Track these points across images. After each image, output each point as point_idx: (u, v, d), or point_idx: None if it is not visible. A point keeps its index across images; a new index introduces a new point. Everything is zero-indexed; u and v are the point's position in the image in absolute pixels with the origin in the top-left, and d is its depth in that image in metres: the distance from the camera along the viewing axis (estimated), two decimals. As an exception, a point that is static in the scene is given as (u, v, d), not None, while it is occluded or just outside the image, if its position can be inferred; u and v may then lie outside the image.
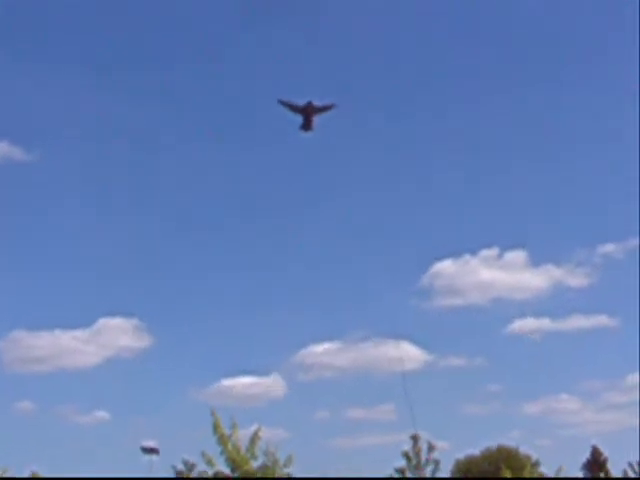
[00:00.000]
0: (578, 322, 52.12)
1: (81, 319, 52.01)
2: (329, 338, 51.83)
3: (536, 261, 53.74)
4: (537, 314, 52.68)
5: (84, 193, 55.89)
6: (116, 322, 52.36)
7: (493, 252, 53.81)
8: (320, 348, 51.95)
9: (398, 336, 50.58)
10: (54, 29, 59.11)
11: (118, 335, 52.46)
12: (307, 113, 31.23)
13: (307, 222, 55.06)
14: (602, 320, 51.90)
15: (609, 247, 53.58)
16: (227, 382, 50.29)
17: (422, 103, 58.40)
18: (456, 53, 58.61)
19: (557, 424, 50.52)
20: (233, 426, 20.49)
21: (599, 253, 53.74)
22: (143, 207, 56.15)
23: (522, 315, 52.74)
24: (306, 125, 31.41)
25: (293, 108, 31.90)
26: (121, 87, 57.20)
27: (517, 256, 53.78)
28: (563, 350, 51.91)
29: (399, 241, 54.07)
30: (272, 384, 50.98)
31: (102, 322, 52.19)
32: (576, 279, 53.40)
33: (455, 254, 53.76)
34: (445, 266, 53.85)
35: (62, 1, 59.85)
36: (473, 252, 53.92)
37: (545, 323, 52.49)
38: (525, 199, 55.95)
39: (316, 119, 31.56)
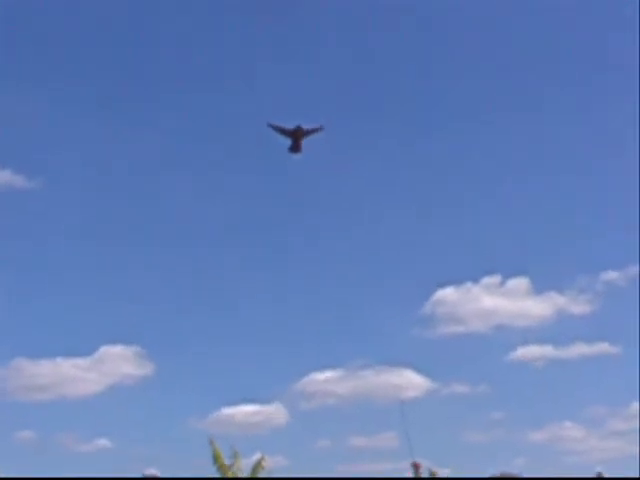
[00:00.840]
0: (581, 349, 52.02)
1: (82, 347, 51.67)
2: (331, 366, 51.65)
3: (538, 288, 53.59)
4: (540, 341, 52.61)
5: (85, 220, 55.96)
6: (117, 350, 52.41)
7: (495, 279, 53.86)
8: (322, 376, 51.81)
9: (400, 364, 51.14)
10: (57, 56, 59.08)
11: (119, 363, 52.47)
12: (296, 136, 32.67)
13: (307, 249, 54.96)
14: (604, 347, 51.82)
15: (611, 274, 53.47)
16: (229, 410, 50.11)
17: (419, 124, 58.20)
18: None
19: (561, 451, 50.21)
20: (234, 455, 20.41)
21: (601, 280, 53.64)
22: (144, 235, 56.10)
23: (525, 342, 52.51)
24: (295, 147, 32.97)
25: (283, 131, 32.65)
26: (123, 117, 57.32)
27: (519, 283, 53.80)
28: (566, 377, 51.76)
29: (400, 269, 53.96)
30: (274, 412, 50.87)
31: (103, 350, 52.22)
32: (578, 306, 53.39)
33: (457, 282, 53.60)
34: (447, 294, 53.85)
35: (66, 29, 59.79)
36: (475, 280, 53.79)
37: (548, 350, 52.45)
38: (527, 226, 55.85)
39: (303, 141, 33.04)
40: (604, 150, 57.46)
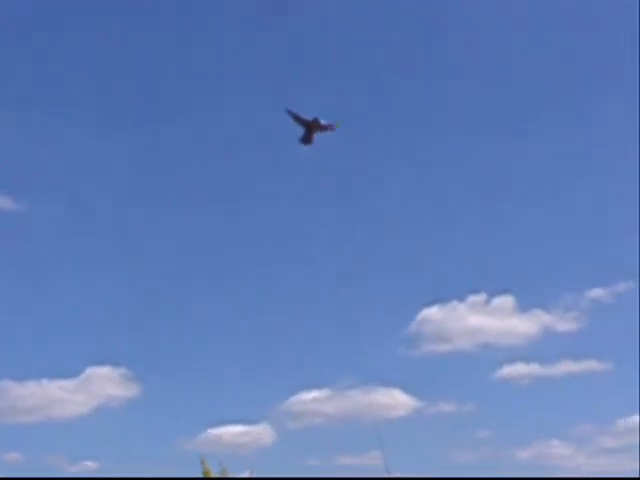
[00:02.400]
0: (567, 367, 52.16)
1: (69, 369, 51.69)
2: (318, 386, 51.66)
3: (524, 306, 53.71)
4: (526, 359, 52.65)
5: (72, 242, 56.12)
6: (104, 371, 52.28)
7: (481, 298, 54.02)
8: (309, 396, 51.81)
9: (387, 383, 51.14)
10: (41, 80, 59.16)
11: (106, 384, 52.31)
12: (310, 127, 32.65)
13: (294, 268, 54.93)
14: (591, 365, 51.93)
15: (597, 292, 53.72)
16: (216, 431, 50.03)
17: (408, 143, 58.53)
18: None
19: (549, 469, 50.27)
20: (222, 471, 20.41)
21: (587, 298, 53.81)
22: (131, 257, 56.01)
23: (511, 361, 52.65)
24: (307, 138, 32.92)
25: (299, 120, 32.66)
26: (111, 137, 57.45)
27: (505, 301, 53.95)
28: (553, 395, 51.92)
29: (386, 288, 53.89)
30: (261, 432, 50.82)
31: (90, 371, 52.22)
32: (565, 324, 53.55)
33: (442, 300, 53.82)
34: (433, 312, 53.99)
35: (53, 49, 60.04)
36: (460, 298, 53.96)
37: (534, 368, 52.54)
38: (512, 245, 55.98)
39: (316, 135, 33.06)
40: (588, 169, 58.01)
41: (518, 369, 52.42)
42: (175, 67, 59.57)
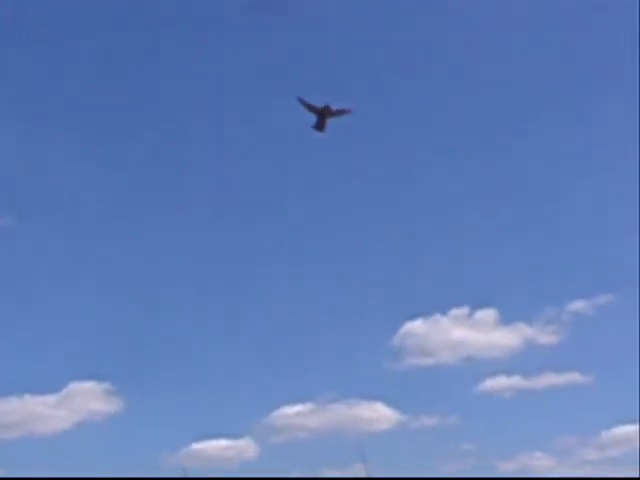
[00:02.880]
0: (550, 379, 52.27)
1: (51, 384, 51.51)
2: (301, 400, 51.67)
3: (506, 319, 53.90)
4: (509, 372, 52.73)
5: (57, 257, 56.09)
6: (87, 386, 52.08)
7: (463, 311, 54.18)
8: (292, 410, 51.76)
9: (370, 397, 51.28)
10: (29, 92, 59.26)
11: (89, 399, 52.15)
12: (323, 114, 33.10)
13: (276, 282, 54.90)
14: (574, 377, 52.05)
15: (578, 304, 53.96)
16: (199, 445, 50.00)
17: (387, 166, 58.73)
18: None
19: (533, 482, 50.40)
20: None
21: (569, 310, 54.04)
22: (115, 271, 55.96)
23: (494, 374, 52.77)
24: (319, 125, 33.36)
25: (310, 108, 33.34)
26: (95, 152, 57.46)
27: (487, 315, 54.10)
28: (536, 408, 52.00)
29: (369, 301, 54.01)
30: (245, 447, 50.77)
31: (72, 386, 52.04)
32: (547, 337, 53.71)
33: (425, 314, 53.95)
34: (416, 326, 54.08)
35: (47, 66, 60.05)
36: (443, 311, 54.10)
37: (517, 381, 52.62)
38: (494, 258, 56.13)
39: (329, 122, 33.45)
40: (571, 181, 58.12)
41: (501, 382, 52.63)
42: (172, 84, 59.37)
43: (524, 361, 53.06)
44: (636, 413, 46.59)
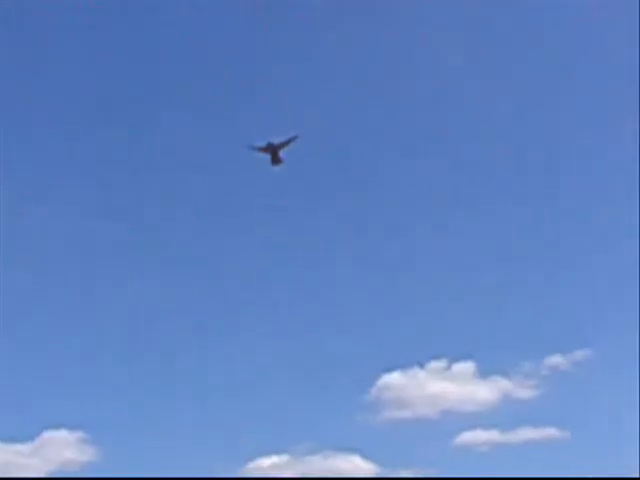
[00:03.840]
0: (527, 434, 52.17)
1: (24, 433, 51.14)
2: (276, 451, 51.37)
3: (484, 373, 53.97)
4: (486, 426, 52.66)
5: (35, 302, 56.16)
6: (60, 435, 51.90)
7: (441, 364, 54.19)
8: (268, 461, 51.44)
9: (347, 449, 51.01)
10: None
11: (62, 448, 51.96)
12: (271, 151, 35.50)
13: (255, 331, 54.80)
14: (551, 432, 51.97)
15: (556, 359, 54.13)
16: (174, 498, 49.55)
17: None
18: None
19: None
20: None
21: (546, 365, 54.16)
22: (87, 312, 55.95)
23: (471, 427, 52.69)
24: (274, 161, 35.86)
25: (260, 150, 35.83)
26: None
27: (466, 367, 54.17)
28: (512, 462, 51.65)
29: (346, 353, 53.86)
30: (219, 499, 50.26)
31: (46, 435, 51.77)
32: (524, 391, 53.83)
33: (403, 366, 53.98)
34: (393, 378, 54.01)
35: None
36: (421, 364, 54.13)
37: (494, 435, 52.50)
38: (472, 311, 56.22)
39: (282, 153, 35.84)
40: (548, 236, 58.47)
41: (478, 436, 52.56)
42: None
43: (501, 415, 53.17)
44: (613, 468, 46.61)
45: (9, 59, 58.57)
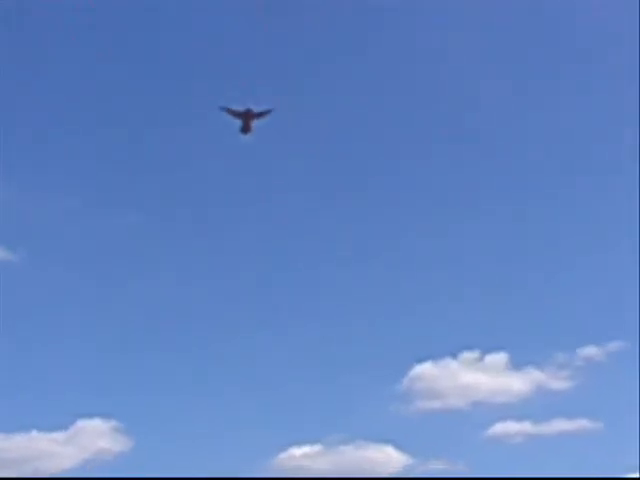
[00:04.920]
0: (560, 426, 51.95)
1: (59, 421, 51.56)
2: (309, 441, 51.48)
3: (517, 364, 53.72)
4: (518, 418, 52.45)
5: (67, 293, 56.33)
6: (94, 424, 52.14)
7: (474, 355, 53.98)
8: (300, 451, 51.57)
9: (379, 439, 51.05)
10: (40, 137, 59.98)
11: (96, 437, 52.21)
12: (246, 118, 35.90)
13: (283, 325, 54.95)
14: (584, 424, 51.73)
15: (590, 350, 53.80)
16: (206, 486, 49.77)
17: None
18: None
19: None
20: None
21: (580, 356, 53.82)
22: (121, 310, 56.06)
23: (503, 418, 52.48)
24: (245, 128, 36.26)
25: (234, 114, 35.88)
26: (106, 192, 58.04)
27: (498, 359, 53.92)
28: (545, 454, 51.47)
29: (378, 344, 53.75)
30: (252, 489, 50.48)
31: (80, 424, 52.08)
32: (558, 382, 53.53)
33: (435, 357, 53.85)
34: (425, 369, 53.90)
35: (50, 117, 60.59)
36: (454, 355, 53.96)
37: (527, 427, 52.29)
38: (505, 301, 55.93)
39: (254, 123, 36.24)
40: (580, 225, 58.09)
41: (510, 427, 52.35)
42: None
43: (534, 406, 52.96)
44: (645, 461, 46.28)
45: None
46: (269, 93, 43.86)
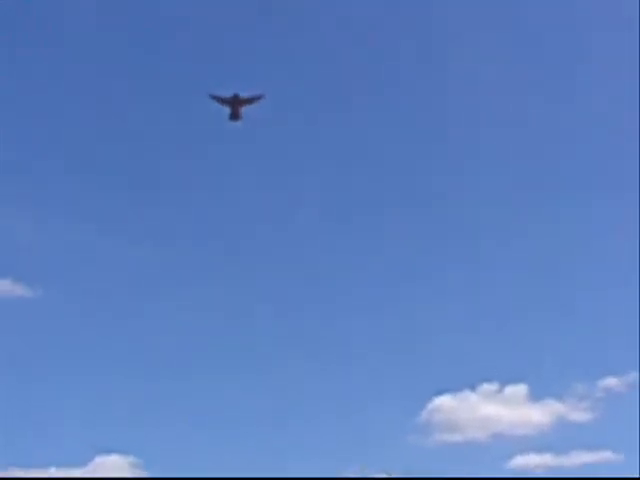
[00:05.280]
0: (581, 458, 51.60)
1: (77, 457, 51.47)
2: (327, 474, 51.04)
3: (537, 396, 53.41)
4: (539, 450, 52.08)
5: (84, 329, 56.50)
6: (112, 460, 52.10)
7: (493, 387, 53.75)
8: (319, 483, 51.18)
9: (397, 472, 50.43)
10: (53, 165, 60.39)
11: (115, 473, 52.10)
12: (235, 104, 35.18)
13: (300, 353, 54.86)
14: (606, 455, 51.31)
15: (610, 381, 53.51)
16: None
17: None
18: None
19: None
20: None
21: (600, 387, 53.45)
22: (138, 345, 56.17)
23: (524, 451, 52.06)
24: (234, 115, 35.64)
25: (222, 101, 34.00)
26: (123, 227, 58.35)
27: (518, 390, 53.67)
28: (567, 486, 51.04)
29: (397, 376, 53.67)
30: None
31: (98, 460, 51.98)
32: (578, 414, 53.25)
33: (454, 389, 53.66)
34: (444, 401, 53.63)
35: (60, 144, 61.06)
36: (473, 387, 53.70)
37: (547, 459, 51.93)
38: (524, 333, 55.68)
39: (243, 109, 35.50)
40: (599, 257, 57.84)
41: (531, 459, 52.02)
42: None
43: (555, 438, 52.60)
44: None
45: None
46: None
